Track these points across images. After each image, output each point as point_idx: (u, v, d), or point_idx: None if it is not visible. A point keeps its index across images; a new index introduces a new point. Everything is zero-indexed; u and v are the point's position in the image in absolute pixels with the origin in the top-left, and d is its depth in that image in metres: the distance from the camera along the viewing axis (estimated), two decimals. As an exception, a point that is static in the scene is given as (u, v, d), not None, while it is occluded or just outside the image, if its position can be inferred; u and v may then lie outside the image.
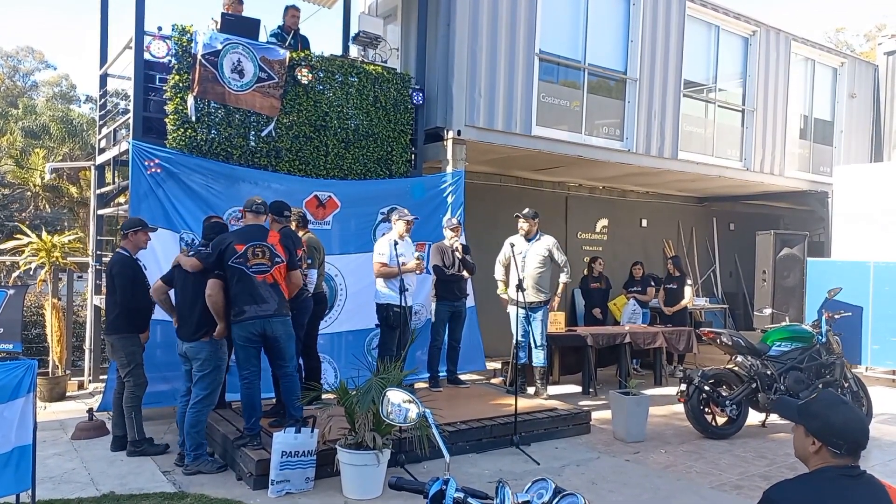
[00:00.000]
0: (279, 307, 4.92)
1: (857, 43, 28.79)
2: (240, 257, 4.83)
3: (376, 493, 4.48)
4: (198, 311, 4.89)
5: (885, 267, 9.14)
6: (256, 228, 5.04)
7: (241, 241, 4.87)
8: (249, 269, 4.84)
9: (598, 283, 9.91)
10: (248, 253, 4.84)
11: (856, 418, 1.90)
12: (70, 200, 20.20)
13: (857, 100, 12.55)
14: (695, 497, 4.69)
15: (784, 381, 6.26)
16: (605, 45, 9.06)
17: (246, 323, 4.82)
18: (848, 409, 1.92)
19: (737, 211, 14.02)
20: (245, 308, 4.82)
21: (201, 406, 4.90)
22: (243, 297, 4.82)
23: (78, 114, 23.32)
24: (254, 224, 5.07)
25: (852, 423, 1.88)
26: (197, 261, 4.92)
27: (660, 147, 9.49)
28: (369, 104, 7.40)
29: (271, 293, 4.89)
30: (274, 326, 4.88)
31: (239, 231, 5.10)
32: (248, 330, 4.83)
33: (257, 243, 4.89)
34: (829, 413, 1.90)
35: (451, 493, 1.72)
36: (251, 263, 4.85)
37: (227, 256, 4.82)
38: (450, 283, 6.87)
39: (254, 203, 5.13)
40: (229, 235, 5.03)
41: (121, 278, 5.23)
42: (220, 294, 4.84)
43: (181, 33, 6.32)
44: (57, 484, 4.63)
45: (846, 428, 1.86)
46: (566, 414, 6.23)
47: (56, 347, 7.49)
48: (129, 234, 5.39)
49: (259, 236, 4.95)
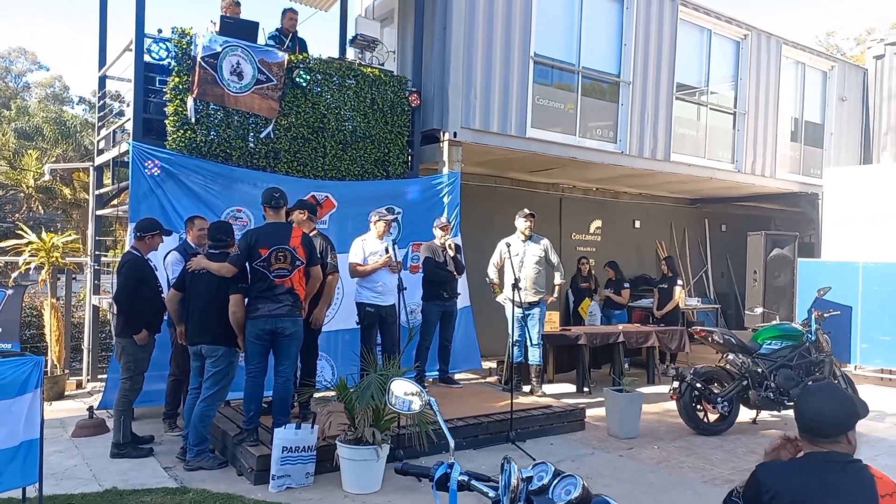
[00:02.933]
0: (292, 308, 5.00)
1: (848, 46, 29.09)
2: (263, 261, 4.89)
3: (375, 487, 4.56)
4: (216, 316, 4.91)
5: (873, 267, 9.29)
6: (279, 229, 5.04)
7: (266, 245, 4.90)
8: (271, 274, 4.91)
9: (588, 283, 10.06)
10: (272, 258, 4.90)
11: (820, 405, 1.95)
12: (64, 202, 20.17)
13: (847, 103, 12.72)
14: (687, 491, 4.79)
15: (774, 379, 6.38)
16: (599, 49, 9.18)
17: (258, 320, 4.90)
18: (818, 397, 1.99)
19: (728, 212, 14.17)
20: (260, 306, 4.90)
21: (211, 401, 4.97)
22: (260, 297, 4.90)
23: (71, 115, 23.28)
24: (276, 223, 5.08)
25: (812, 410, 1.96)
26: (231, 266, 4.89)
27: (653, 149, 9.62)
28: (366, 106, 7.49)
29: (287, 296, 4.96)
30: (284, 324, 4.95)
31: (264, 231, 5.03)
32: (260, 326, 4.91)
33: (280, 248, 4.93)
34: (800, 401, 2.02)
35: (456, 476, 1.80)
36: (273, 268, 4.91)
37: (252, 258, 4.89)
38: (440, 282, 6.92)
39: (272, 197, 5.06)
40: (256, 236, 4.97)
41: (130, 279, 5.20)
42: (243, 310, 4.92)
43: (181, 36, 6.39)
44: (59, 480, 4.68)
45: (803, 414, 1.97)
46: (561, 411, 6.32)
47: (55, 347, 7.54)
48: (146, 236, 5.38)
49: (282, 239, 4.96)
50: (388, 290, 6.21)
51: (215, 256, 5.04)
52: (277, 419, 4.98)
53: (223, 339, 4.96)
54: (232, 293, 4.90)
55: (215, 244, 5.13)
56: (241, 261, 4.90)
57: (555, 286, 7.39)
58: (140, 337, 5.25)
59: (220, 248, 5.09)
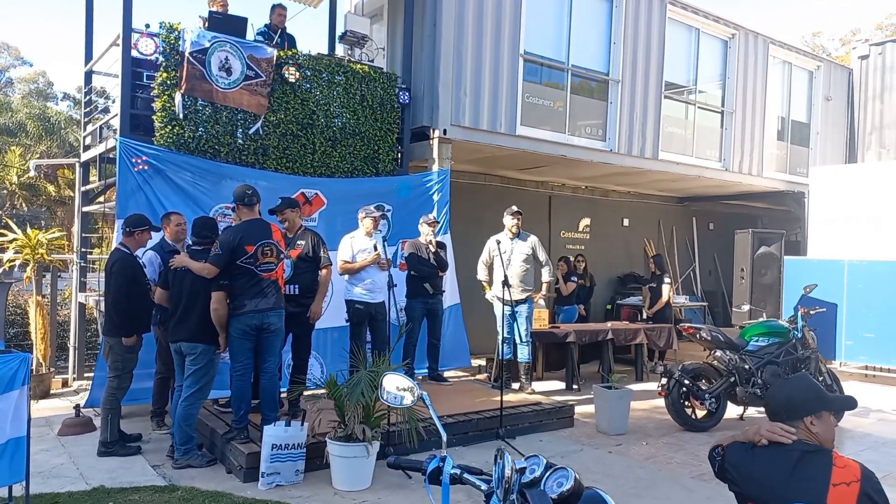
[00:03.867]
0: (276, 301, 5.00)
1: (833, 47, 29.42)
2: (250, 258, 4.86)
3: (366, 484, 4.56)
4: (197, 313, 4.88)
5: (858, 265, 9.40)
6: (260, 225, 5.03)
7: (251, 242, 4.87)
8: (259, 269, 4.89)
9: (582, 281, 10.06)
10: (258, 253, 4.88)
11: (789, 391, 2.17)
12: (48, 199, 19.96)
13: (833, 102, 12.86)
14: (675, 487, 4.83)
15: (761, 375, 6.43)
16: (589, 47, 9.21)
17: (244, 316, 4.87)
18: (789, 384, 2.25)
19: (716, 211, 14.28)
20: (246, 302, 4.87)
21: (193, 399, 4.93)
22: (246, 293, 4.86)
23: (55, 111, 23.04)
24: (255, 219, 5.05)
25: (783, 394, 2.18)
26: (213, 266, 4.83)
27: (641, 147, 9.67)
28: (356, 103, 7.47)
29: (273, 289, 4.96)
30: (271, 318, 4.94)
31: (245, 229, 4.97)
32: (245, 323, 4.87)
33: (266, 242, 4.93)
34: (773, 388, 2.29)
35: (448, 470, 1.80)
36: (260, 262, 4.89)
37: (237, 256, 4.84)
38: (424, 279, 6.91)
39: (245, 195, 5.04)
40: (237, 235, 4.91)
41: (120, 277, 5.13)
42: (225, 308, 4.88)
43: (169, 31, 6.34)
44: (46, 479, 4.64)
45: (774, 400, 2.20)
46: (550, 408, 6.35)
47: (40, 345, 7.46)
48: (135, 232, 5.31)
49: (266, 234, 4.97)
50: (377, 288, 6.20)
51: (198, 253, 5.00)
52: (267, 415, 4.97)
53: (201, 336, 4.91)
54: (214, 290, 4.85)
55: (200, 240, 5.09)
56: (223, 260, 4.83)
57: (543, 283, 7.41)
58: (130, 340, 5.20)
59: (205, 244, 5.06)
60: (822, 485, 1.92)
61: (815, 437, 2.05)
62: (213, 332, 4.92)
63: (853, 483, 1.91)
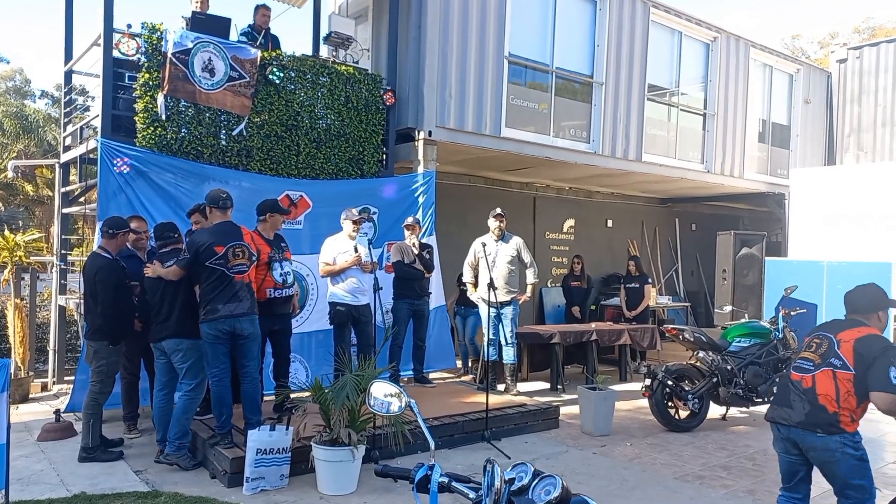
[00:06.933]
0: (251, 305, 4.96)
1: (812, 50, 29.78)
2: (220, 259, 4.82)
3: (351, 488, 4.54)
4: (177, 312, 4.88)
5: (837, 266, 9.53)
6: (230, 227, 5.01)
7: (221, 243, 4.84)
8: (230, 271, 4.85)
9: (580, 282, 10.12)
10: (229, 254, 4.84)
11: (860, 293, 3.35)
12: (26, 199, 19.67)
13: (812, 105, 13.04)
14: (659, 487, 4.86)
15: (743, 376, 6.50)
16: (572, 49, 9.26)
17: (217, 321, 4.82)
18: (861, 289, 3.36)
19: (698, 212, 14.42)
20: (219, 307, 4.81)
21: (194, 394, 4.95)
22: (219, 297, 4.81)
23: (33, 109, 22.67)
24: (225, 222, 5.03)
25: (853, 296, 3.38)
26: (179, 269, 4.85)
27: (625, 149, 9.73)
28: (341, 104, 7.44)
29: (246, 293, 4.93)
30: (243, 324, 4.90)
31: (214, 231, 4.97)
32: (218, 328, 4.82)
33: (237, 244, 4.90)
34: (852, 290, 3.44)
35: (436, 478, 1.80)
36: (232, 264, 4.85)
37: (205, 258, 4.80)
38: (409, 280, 6.90)
39: (219, 198, 5.02)
40: (204, 236, 4.92)
41: (105, 284, 5.05)
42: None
43: (151, 31, 6.27)
44: (25, 485, 4.56)
45: (848, 296, 3.47)
46: (536, 409, 6.36)
47: (19, 349, 7.34)
48: (117, 234, 5.23)
49: (237, 236, 4.95)
50: (362, 290, 6.18)
51: (166, 255, 5.01)
52: (250, 419, 4.94)
53: (185, 331, 4.90)
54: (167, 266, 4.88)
55: (164, 242, 5.10)
56: (190, 263, 4.84)
57: (528, 285, 7.43)
58: (116, 348, 5.16)
59: (170, 244, 5.08)
60: (838, 330, 3.24)
61: (880, 325, 3.15)
62: (195, 327, 4.89)
63: (851, 341, 3.14)
